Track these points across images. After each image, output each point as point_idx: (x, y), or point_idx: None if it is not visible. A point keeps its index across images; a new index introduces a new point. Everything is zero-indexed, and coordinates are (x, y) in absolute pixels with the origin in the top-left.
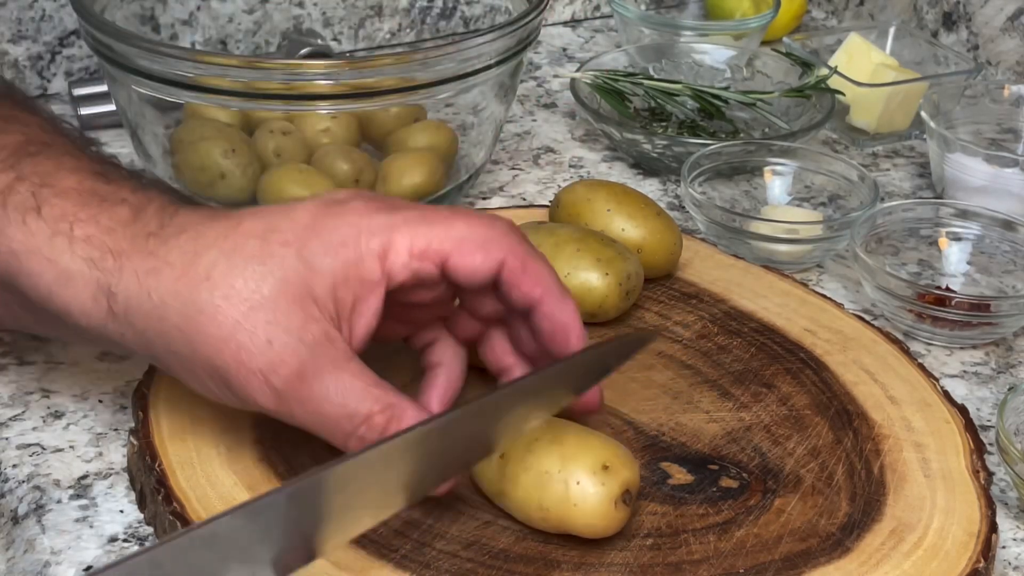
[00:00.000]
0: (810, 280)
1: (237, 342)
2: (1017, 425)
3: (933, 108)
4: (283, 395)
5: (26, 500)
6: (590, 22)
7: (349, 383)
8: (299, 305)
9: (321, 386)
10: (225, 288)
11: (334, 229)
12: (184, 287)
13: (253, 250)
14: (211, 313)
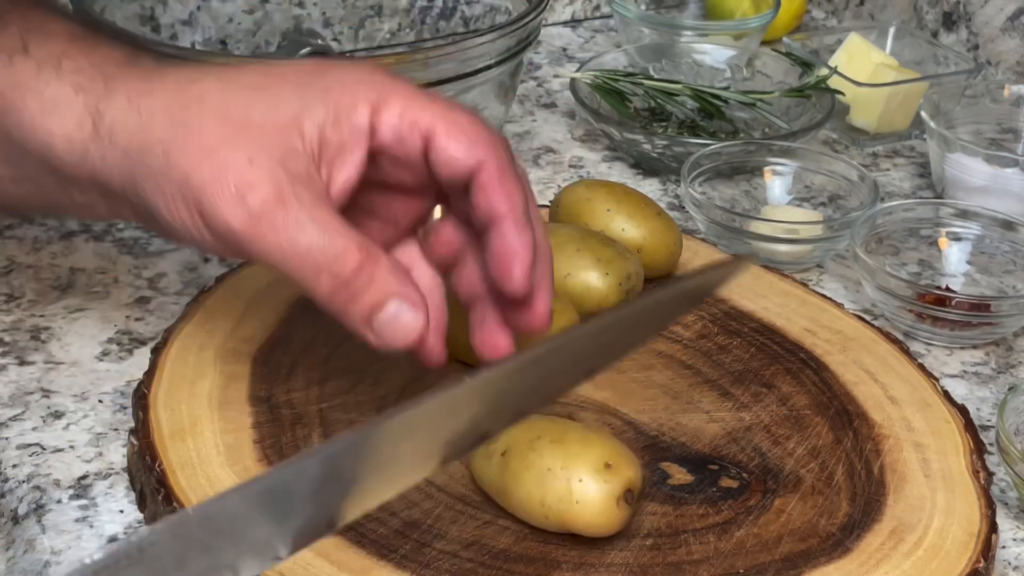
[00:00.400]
0: (810, 280)
1: (218, 158)
2: (1017, 425)
3: (933, 108)
4: (256, 217)
5: (26, 500)
6: (590, 22)
7: (328, 218)
8: (285, 136)
9: (298, 214)
10: (216, 109)
11: (336, 76)
12: (175, 104)
13: (251, 80)
14: (197, 129)
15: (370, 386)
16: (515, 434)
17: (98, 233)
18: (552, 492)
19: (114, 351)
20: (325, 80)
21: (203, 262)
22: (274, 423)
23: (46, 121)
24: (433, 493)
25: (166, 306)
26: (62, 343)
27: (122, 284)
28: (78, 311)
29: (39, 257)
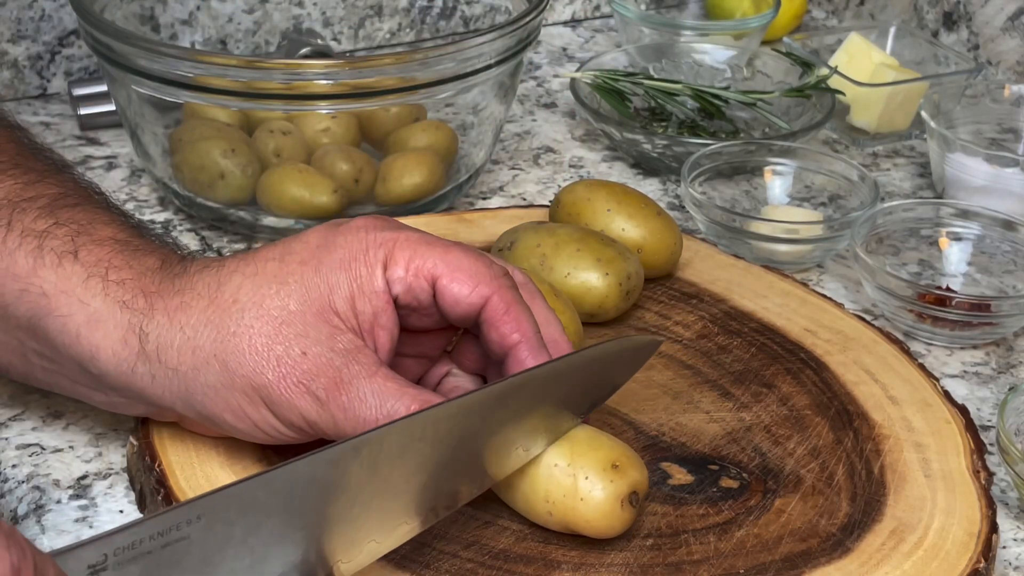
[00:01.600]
0: (810, 280)
1: (275, 356)
2: (1018, 425)
3: (933, 108)
4: (324, 403)
5: (26, 500)
6: (590, 22)
7: (383, 385)
8: (324, 319)
9: (358, 390)
10: (254, 308)
11: (344, 245)
12: (214, 315)
13: (273, 271)
14: (245, 334)
15: None
16: None
17: None
18: (557, 488)
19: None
20: (337, 252)
21: None
22: None
23: (92, 334)
24: None
25: None
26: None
27: None
28: None
29: None
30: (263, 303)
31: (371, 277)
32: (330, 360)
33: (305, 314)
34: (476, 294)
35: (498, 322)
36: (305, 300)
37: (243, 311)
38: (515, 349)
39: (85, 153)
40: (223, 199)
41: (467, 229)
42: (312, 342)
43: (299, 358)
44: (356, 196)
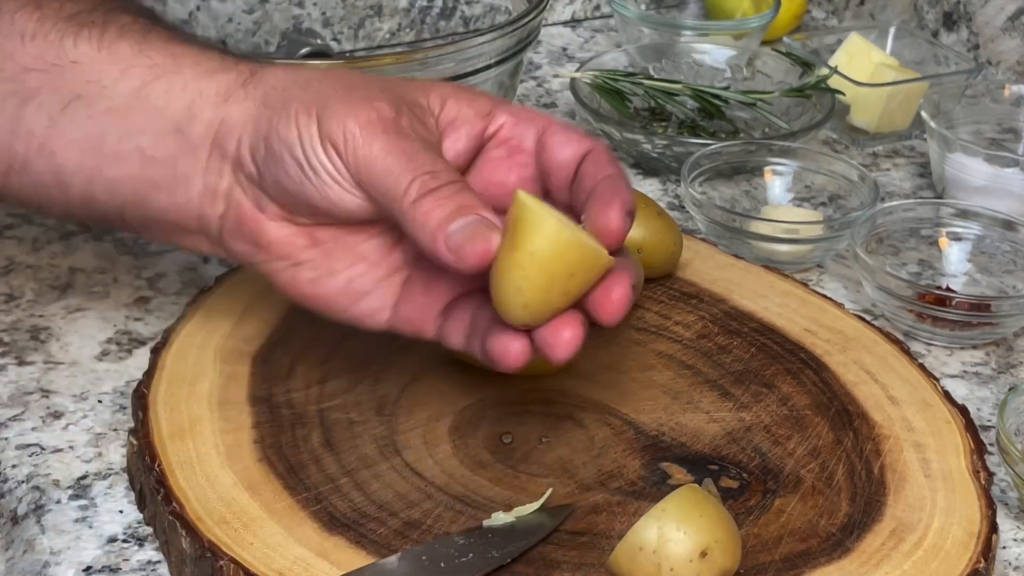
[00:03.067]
0: (810, 280)
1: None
2: (1017, 425)
3: (933, 108)
4: (374, 123)
5: (26, 500)
6: (590, 22)
7: (432, 146)
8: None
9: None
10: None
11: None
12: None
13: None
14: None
15: (370, 386)
16: None
17: (98, 233)
18: (641, 573)
19: (114, 351)
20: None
21: (203, 262)
22: (274, 423)
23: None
24: (433, 493)
25: (166, 306)
26: (62, 343)
27: (122, 284)
28: (78, 311)
29: (39, 257)
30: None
31: (473, 101)
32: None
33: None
34: (581, 144)
35: (601, 161)
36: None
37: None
38: (604, 180)
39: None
40: None
41: None
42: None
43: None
44: None
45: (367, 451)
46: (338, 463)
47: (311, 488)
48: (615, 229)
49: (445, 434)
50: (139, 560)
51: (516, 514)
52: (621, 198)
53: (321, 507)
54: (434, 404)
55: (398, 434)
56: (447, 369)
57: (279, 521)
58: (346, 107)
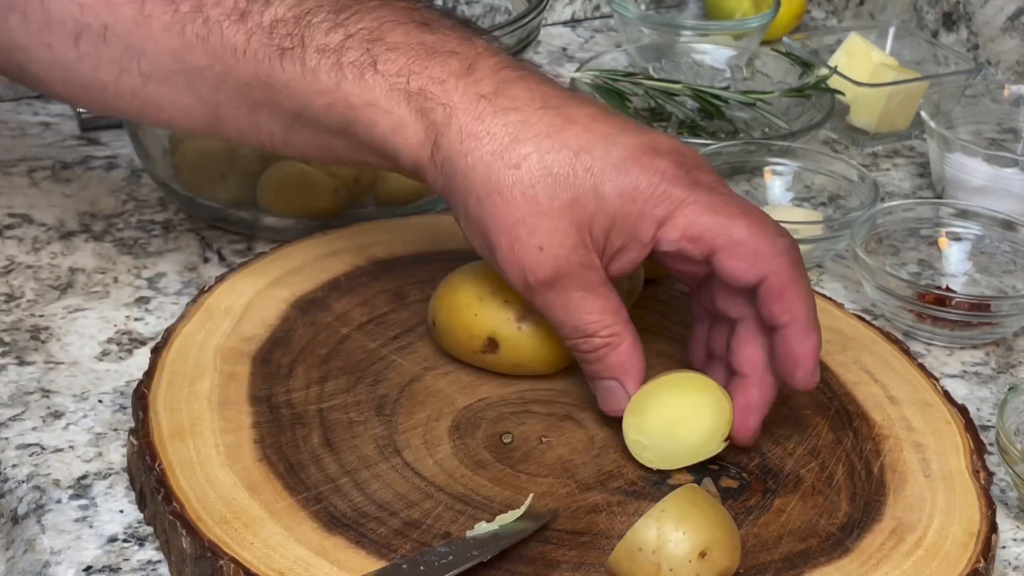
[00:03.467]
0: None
1: (516, 234)
2: (1017, 425)
3: (933, 108)
4: (532, 289)
5: (26, 500)
6: (590, 22)
7: (590, 304)
8: (577, 229)
9: (565, 297)
10: (527, 184)
11: (636, 179)
12: (495, 163)
13: (562, 162)
14: (507, 199)
15: (370, 386)
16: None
17: (98, 233)
18: (641, 573)
19: (114, 351)
20: (625, 180)
21: (203, 262)
22: (274, 423)
23: (395, 138)
24: (433, 493)
25: (166, 306)
26: (62, 343)
27: (122, 284)
28: (78, 311)
29: (39, 257)
30: (536, 185)
31: (639, 224)
32: (558, 264)
33: (564, 216)
34: (753, 272)
35: (771, 302)
36: (572, 204)
37: (518, 180)
38: (784, 329)
39: (85, 153)
40: (223, 199)
41: None
42: (553, 243)
43: (534, 248)
44: (356, 196)
45: (367, 451)
46: (338, 463)
47: (311, 488)
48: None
49: (445, 434)
50: (139, 560)
51: (499, 523)
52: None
53: (321, 507)
54: (434, 404)
55: (398, 434)
56: (447, 369)
57: (279, 521)
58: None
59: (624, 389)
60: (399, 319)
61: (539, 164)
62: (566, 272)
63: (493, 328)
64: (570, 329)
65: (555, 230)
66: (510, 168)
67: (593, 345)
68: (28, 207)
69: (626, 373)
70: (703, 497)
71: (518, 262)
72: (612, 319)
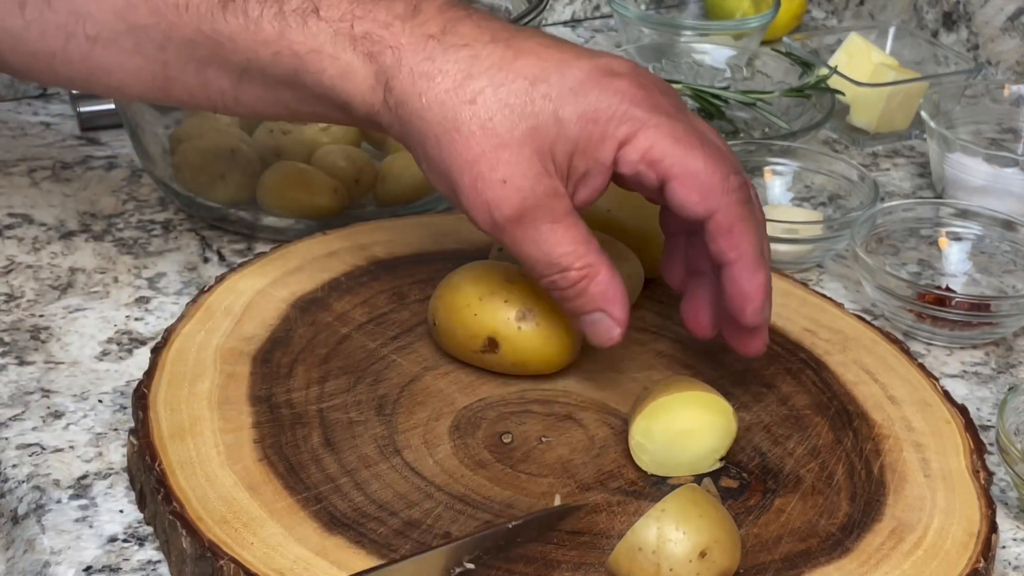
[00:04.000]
0: (810, 280)
1: (478, 170)
2: (1017, 425)
3: (933, 108)
4: (499, 226)
5: (26, 500)
6: (590, 22)
7: (560, 235)
8: (539, 157)
9: (534, 231)
10: (484, 118)
11: (595, 101)
12: (450, 100)
13: (518, 92)
14: (466, 135)
15: (370, 386)
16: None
17: (98, 233)
18: (641, 573)
19: (114, 351)
20: (584, 104)
21: (203, 262)
22: (274, 423)
23: (344, 84)
24: (433, 493)
25: (166, 306)
26: (62, 343)
27: (122, 284)
28: (78, 311)
29: (39, 257)
30: (494, 118)
31: (600, 146)
32: (523, 196)
33: (524, 146)
34: (702, 206)
35: (718, 237)
36: (532, 133)
37: (475, 114)
38: (730, 267)
39: (85, 153)
40: (223, 199)
41: (468, 229)
42: (516, 174)
43: (497, 182)
44: (356, 196)
45: (367, 451)
46: (338, 463)
47: (311, 488)
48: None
49: (445, 434)
50: (139, 560)
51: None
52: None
53: (321, 507)
54: (434, 404)
55: (398, 434)
56: (447, 369)
57: (279, 521)
58: (472, 200)
59: (611, 318)
60: (399, 319)
61: (495, 96)
62: (532, 204)
63: (493, 328)
64: (544, 265)
65: (517, 161)
66: (466, 103)
67: (570, 279)
68: (28, 207)
69: (609, 301)
70: (703, 497)
71: (482, 199)
72: (584, 249)
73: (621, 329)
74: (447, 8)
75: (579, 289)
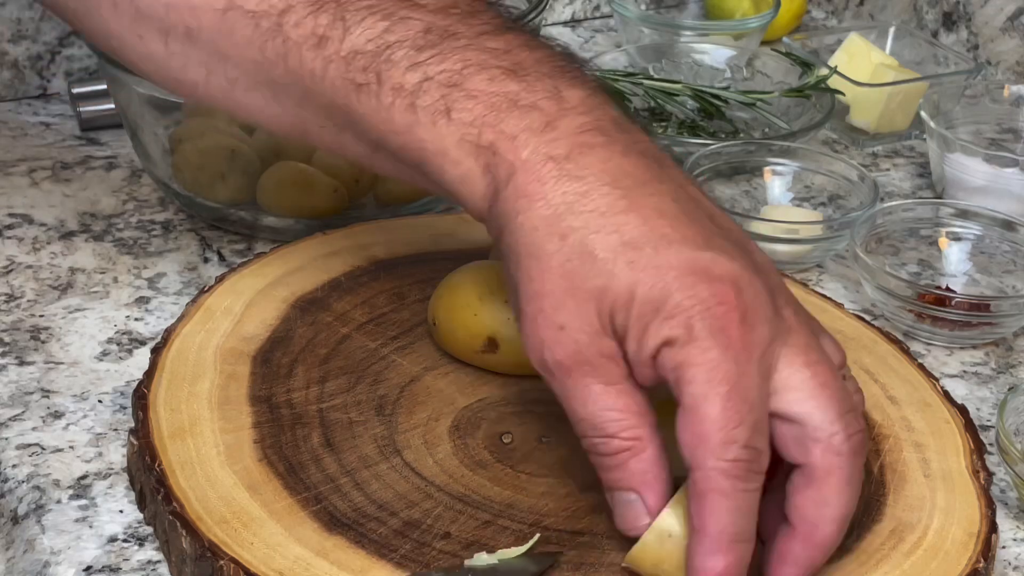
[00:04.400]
0: (810, 280)
1: (541, 305)
2: (1017, 425)
3: (933, 108)
4: (549, 369)
5: (26, 500)
6: (590, 22)
7: (612, 399)
8: (599, 318)
9: (584, 387)
10: (565, 258)
11: (667, 293)
12: (543, 228)
13: (608, 248)
14: (543, 268)
15: (370, 386)
16: None
17: (98, 233)
18: (669, 559)
19: (114, 351)
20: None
21: (203, 262)
22: (274, 423)
23: (460, 188)
24: (433, 493)
25: (166, 306)
26: (62, 343)
27: (122, 284)
28: (78, 311)
29: (39, 257)
30: (574, 260)
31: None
32: (578, 347)
33: (592, 302)
34: (687, 451)
35: (692, 498)
36: (603, 292)
37: (558, 252)
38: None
39: (85, 153)
40: (223, 199)
41: (467, 229)
42: (575, 325)
43: (555, 326)
44: (356, 196)
45: (367, 451)
46: (338, 463)
47: (311, 488)
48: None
49: (445, 434)
50: (139, 560)
51: (499, 557)
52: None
53: (321, 507)
54: (434, 404)
55: (398, 434)
56: (447, 369)
57: (279, 521)
58: (528, 331)
59: (644, 503)
60: (399, 319)
61: (583, 241)
62: (586, 359)
63: (493, 328)
64: (588, 426)
65: (580, 313)
66: (555, 237)
67: (612, 448)
68: (28, 207)
69: (647, 485)
70: None
71: (538, 334)
72: (636, 420)
73: (651, 519)
74: (585, 130)
75: (620, 460)
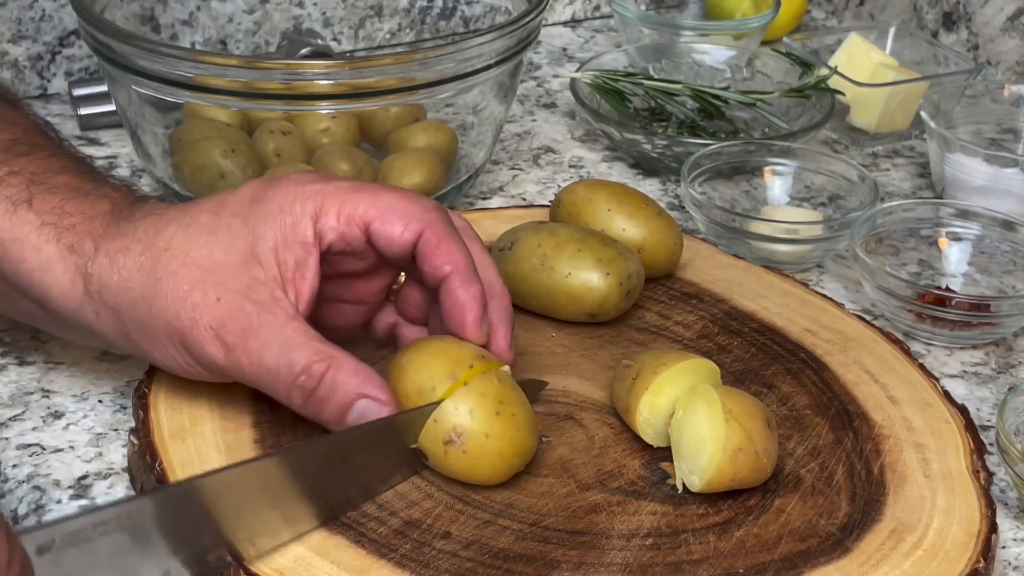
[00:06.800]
0: (810, 280)
1: (192, 301)
2: (1017, 425)
3: (933, 108)
4: (232, 348)
5: (26, 500)
6: (590, 22)
7: (290, 336)
8: (246, 268)
9: (266, 339)
10: (181, 256)
11: (273, 198)
12: (147, 260)
13: (206, 222)
14: (169, 279)
15: None
16: (645, 359)
17: None
18: (744, 467)
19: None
20: (267, 205)
21: None
22: (274, 422)
23: (43, 277)
24: (433, 493)
25: None
26: (62, 343)
27: None
28: None
29: None
30: (191, 252)
31: (296, 227)
32: (242, 308)
33: (228, 264)
34: (408, 231)
35: (430, 255)
36: (230, 250)
37: (172, 259)
38: (447, 280)
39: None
40: None
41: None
42: (229, 290)
43: (213, 304)
44: None
45: None
46: None
47: None
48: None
49: None
50: None
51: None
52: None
53: None
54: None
55: None
56: None
57: None
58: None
59: (375, 400)
60: None
61: (185, 234)
62: (254, 314)
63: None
64: (286, 369)
65: (226, 278)
66: (161, 253)
67: (315, 374)
68: None
69: (365, 383)
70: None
71: (206, 327)
72: (320, 345)
73: (391, 407)
74: (151, 210)
75: (328, 381)
